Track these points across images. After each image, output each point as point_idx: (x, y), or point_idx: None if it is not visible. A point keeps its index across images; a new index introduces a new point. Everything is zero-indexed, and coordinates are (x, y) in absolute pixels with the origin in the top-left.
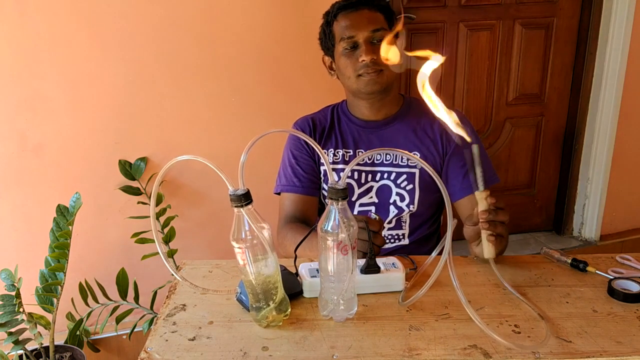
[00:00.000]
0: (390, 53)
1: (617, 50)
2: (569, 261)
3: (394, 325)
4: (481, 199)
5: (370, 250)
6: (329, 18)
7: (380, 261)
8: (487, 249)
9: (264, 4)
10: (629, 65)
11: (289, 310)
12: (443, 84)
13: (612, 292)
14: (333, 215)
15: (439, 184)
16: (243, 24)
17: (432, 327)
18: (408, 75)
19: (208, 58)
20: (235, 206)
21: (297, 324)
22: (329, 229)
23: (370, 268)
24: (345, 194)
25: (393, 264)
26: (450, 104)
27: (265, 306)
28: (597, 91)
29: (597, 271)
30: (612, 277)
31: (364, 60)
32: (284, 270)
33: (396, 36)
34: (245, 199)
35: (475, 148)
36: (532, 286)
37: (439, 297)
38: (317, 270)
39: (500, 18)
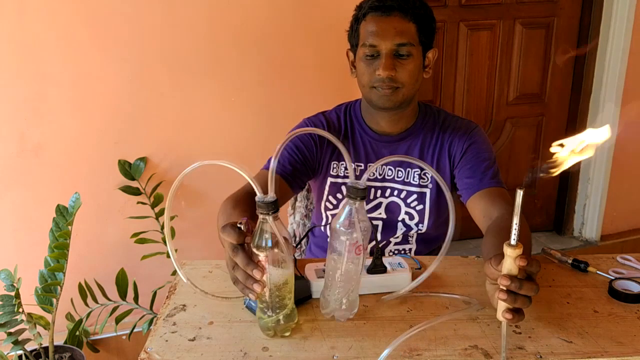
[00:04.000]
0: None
1: (617, 50)
2: (570, 261)
3: (395, 325)
4: (509, 258)
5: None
6: (359, 14)
7: (386, 261)
8: (500, 312)
9: (264, 4)
10: (629, 65)
11: (297, 319)
12: (444, 83)
13: (613, 293)
14: (350, 214)
15: (448, 200)
16: (243, 24)
17: (433, 327)
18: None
19: (208, 58)
20: (261, 213)
21: (297, 325)
22: (344, 228)
23: (377, 268)
24: (364, 194)
25: (399, 263)
26: (451, 104)
27: (274, 316)
28: (597, 91)
29: (597, 271)
30: (613, 278)
31: (380, 75)
32: (298, 279)
33: (427, 48)
34: (272, 207)
35: (519, 193)
36: None
37: (440, 297)
38: (324, 270)
39: (500, 18)
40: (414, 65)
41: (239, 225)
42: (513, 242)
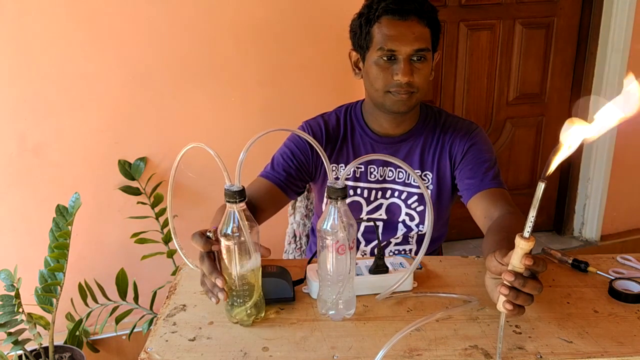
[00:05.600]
0: (427, 77)
1: (617, 50)
2: (570, 261)
3: (395, 325)
4: (519, 250)
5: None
6: (371, 15)
7: (387, 261)
8: (501, 303)
9: (264, 4)
10: (629, 65)
11: (262, 314)
12: (444, 83)
13: (613, 293)
14: (332, 215)
15: (428, 211)
16: (243, 24)
17: (433, 327)
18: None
19: (208, 58)
20: (228, 201)
21: (298, 325)
22: (327, 228)
23: (379, 268)
24: (344, 193)
25: (400, 263)
26: (451, 105)
27: (239, 304)
28: (597, 91)
29: (598, 272)
30: (613, 278)
31: (399, 80)
32: (277, 278)
33: (434, 51)
34: (239, 196)
35: (540, 186)
36: None
37: (440, 297)
38: None
39: (500, 18)
40: (428, 69)
41: (207, 234)
42: (527, 234)
